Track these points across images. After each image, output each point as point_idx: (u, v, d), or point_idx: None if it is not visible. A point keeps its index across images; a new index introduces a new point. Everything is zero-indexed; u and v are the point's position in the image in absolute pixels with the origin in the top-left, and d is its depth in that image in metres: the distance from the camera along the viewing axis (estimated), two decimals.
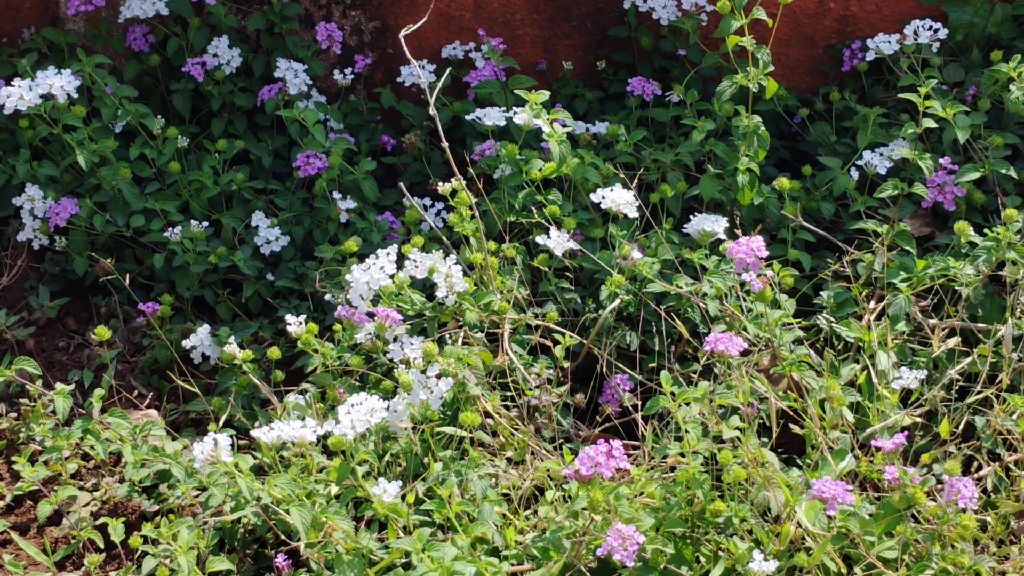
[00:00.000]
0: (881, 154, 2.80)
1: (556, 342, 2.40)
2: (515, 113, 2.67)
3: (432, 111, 2.49)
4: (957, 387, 2.42)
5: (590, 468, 1.83)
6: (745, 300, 2.44)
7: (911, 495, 2.02)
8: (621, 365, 2.48)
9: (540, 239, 2.53)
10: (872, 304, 2.52)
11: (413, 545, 1.81)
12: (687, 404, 2.06)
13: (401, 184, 2.62)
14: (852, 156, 2.89)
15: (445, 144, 2.45)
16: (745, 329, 2.36)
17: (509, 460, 2.23)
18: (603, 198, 2.53)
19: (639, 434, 2.31)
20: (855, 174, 2.81)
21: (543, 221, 2.63)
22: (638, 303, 2.51)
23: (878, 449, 2.10)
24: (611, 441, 1.85)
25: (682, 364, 2.49)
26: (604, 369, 2.48)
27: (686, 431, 1.96)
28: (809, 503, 1.96)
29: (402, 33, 2.69)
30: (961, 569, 1.99)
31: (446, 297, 2.34)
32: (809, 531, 1.93)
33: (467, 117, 2.86)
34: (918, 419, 2.31)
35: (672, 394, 2.00)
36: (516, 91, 2.74)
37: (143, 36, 3.15)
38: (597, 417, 2.42)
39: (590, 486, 1.84)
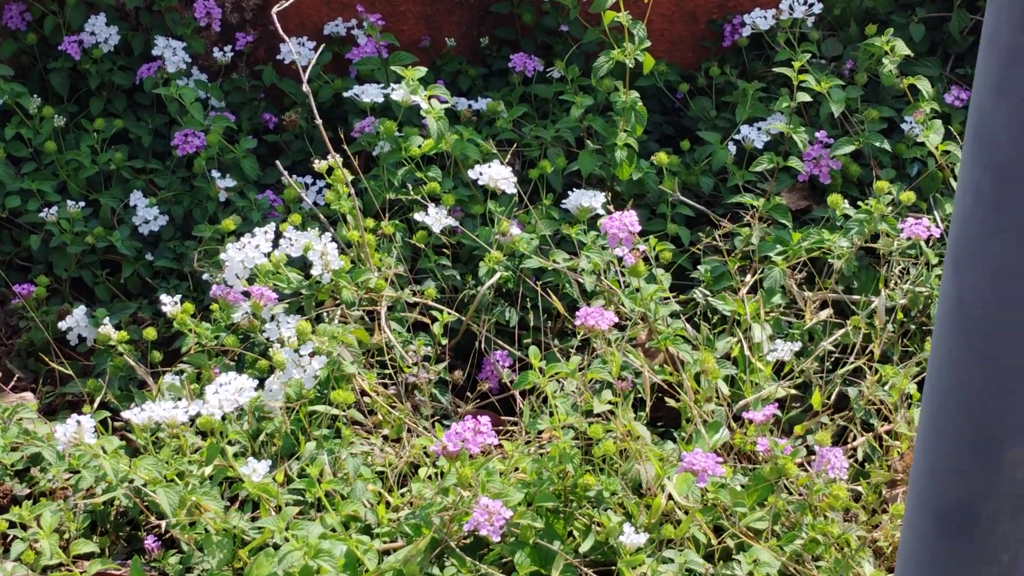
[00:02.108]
0: (759, 128, 2.82)
1: (435, 319, 2.40)
2: (393, 90, 2.66)
3: (306, 88, 2.47)
4: (832, 359, 2.45)
5: (457, 444, 1.83)
6: (623, 275, 2.45)
7: (782, 466, 2.04)
8: (500, 341, 2.48)
9: (418, 216, 2.53)
10: (748, 278, 2.54)
11: (277, 524, 1.80)
12: (557, 379, 2.06)
13: (278, 163, 2.60)
14: (732, 131, 2.90)
15: (319, 121, 2.43)
16: (623, 304, 2.36)
17: (385, 438, 2.22)
18: (481, 174, 2.52)
19: (517, 410, 2.32)
20: (733, 148, 2.83)
21: (420, 199, 2.62)
22: (517, 279, 2.51)
23: (750, 421, 2.11)
24: (479, 417, 1.85)
25: (561, 339, 2.50)
26: (483, 345, 2.48)
27: (556, 406, 1.97)
28: (680, 476, 1.97)
29: (274, 10, 2.66)
30: (831, 538, 2.01)
31: (322, 275, 2.33)
32: (678, 503, 1.95)
33: (345, 94, 2.85)
34: (792, 391, 2.33)
35: (541, 369, 2.01)
36: (393, 68, 2.72)
37: (20, 15, 3.10)
38: (469, 393, 2.42)
39: (458, 462, 1.84)
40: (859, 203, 2.53)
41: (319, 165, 2.47)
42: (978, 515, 1.28)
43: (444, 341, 2.39)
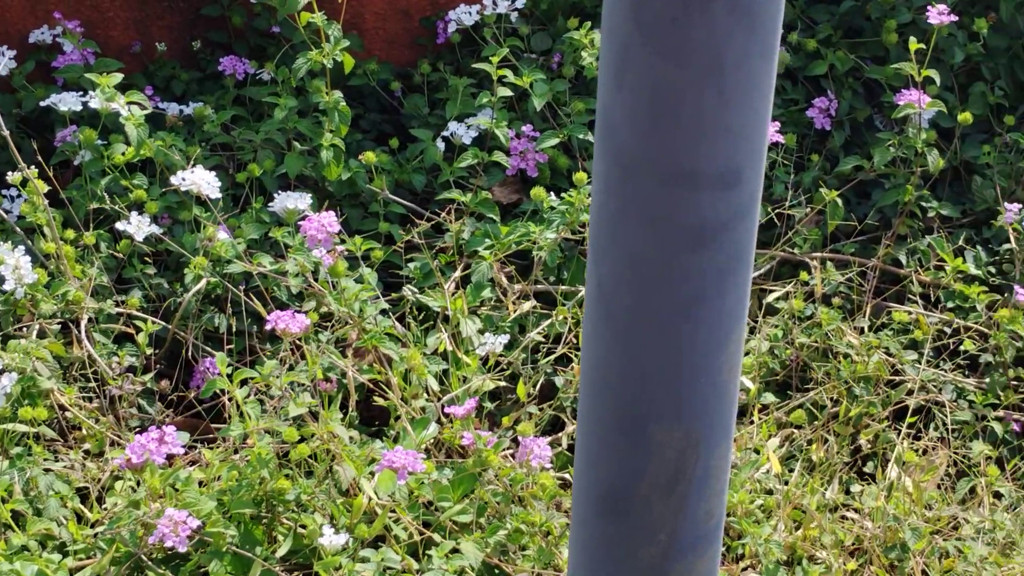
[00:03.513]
0: (468, 125, 2.84)
1: (139, 329, 2.36)
2: (91, 97, 2.61)
3: None
4: (545, 349, 2.48)
5: (141, 456, 1.80)
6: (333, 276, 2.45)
7: (485, 458, 2.06)
8: (208, 348, 2.46)
9: (119, 225, 2.48)
10: (457, 273, 2.56)
11: None
12: (262, 383, 2.05)
13: None
14: (444, 128, 2.92)
15: (6, 132, 2.37)
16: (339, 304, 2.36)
17: (88, 452, 2.18)
18: (183, 180, 2.49)
19: (226, 416, 2.30)
20: (442, 145, 2.84)
21: (122, 209, 2.57)
22: (225, 285, 2.49)
23: (454, 416, 2.13)
24: (164, 427, 1.83)
25: (273, 343, 2.48)
26: (192, 353, 2.45)
27: (248, 412, 1.95)
28: (382, 474, 1.98)
29: None
30: (533, 527, 2.04)
31: (15, 290, 2.27)
32: (378, 502, 1.95)
33: (42, 103, 2.78)
34: (502, 383, 2.35)
35: (229, 375, 1.99)
36: (87, 75, 2.67)
37: None
38: (167, 398, 2.39)
39: (144, 473, 1.81)
40: (563, 195, 2.56)
41: (11, 177, 2.41)
42: (633, 496, 1.31)
43: (149, 351, 2.36)
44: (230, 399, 2.30)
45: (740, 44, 1.11)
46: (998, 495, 2.37)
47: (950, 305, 2.69)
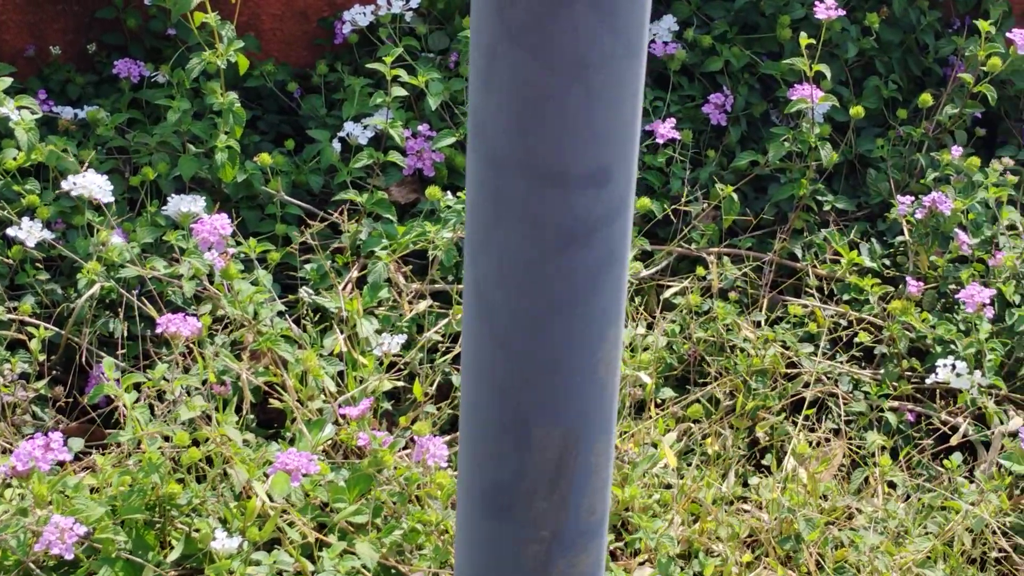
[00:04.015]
0: (365, 125, 2.83)
1: (32, 335, 2.34)
2: None
3: None
4: (443, 348, 2.48)
5: (26, 463, 1.79)
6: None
7: (380, 458, 2.06)
8: (104, 353, 2.44)
9: (11, 231, 2.46)
10: (354, 273, 2.55)
11: None
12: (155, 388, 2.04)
13: None
14: (341, 128, 2.91)
15: None
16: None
17: None
18: (74, 185, 2.47)
19: (121, 422, 2.28)
20: (338, 146, 2.84)
21: (11, 215, 2.55)
22: (119, 289, 2.47)
23: (349, 416, 2.13)
24: (49, 434, 1.82)
25: (168, 348, 2.47)
26: (87, 359, 2.43)
27: (136, 417, 1.94)
28: (276, 476, 1.97)
29: None
30: (430, 526, 2.04)
31: None
32: (267, 504, 1.95)
33: None
34: (399, 383, 2.36)
35: (117, 380, 1.98)
36: None
37: None
38: (60, 404, 2.38)
39: (30, 481, 1.80)
40: (460, 194, 2.57)
41: None
42: (515, 495, 1.32)
43: (42, 357, 2.34)
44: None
45: (605, 44, 1.12)
46: (893, 485, 2.40)
47: (845, 298, 2.73)
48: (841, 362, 2.62)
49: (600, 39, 1.11)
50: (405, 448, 2.26)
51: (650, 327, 2.64)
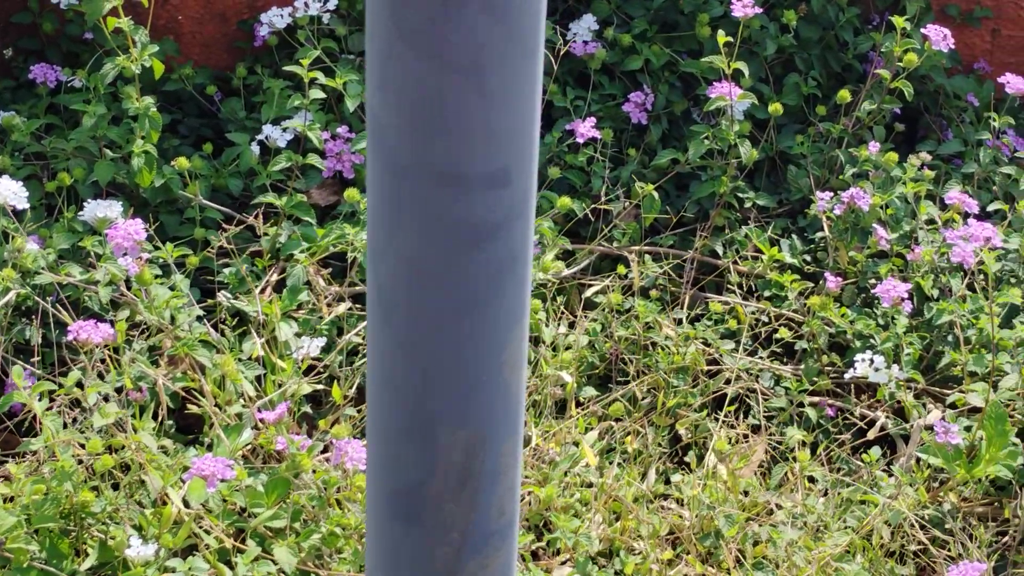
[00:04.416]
0: (284, 128, 2.82)
1: None
2: None
3: None
4: (362, 351, 2.47)
5: None
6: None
7: (299, 462, 2.05)
8: (20, 361, 2.41)
9: None
10: (273, 276, 2.54)
11: None
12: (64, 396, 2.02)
13: None
14: (261, 131, 2.90)
15: None
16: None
17: None
18: None
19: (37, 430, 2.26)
20: (257, 149, 2.82)
21: None
22: (35, 296, 2.45)
23: (266, 421, 2.12)
24: None
25: (88, 355, 2.44)
26: (3, 366, 2.40)
27: (48, 425, 1.93)
28: (192, 482, 1.96)
29: None
30: (349, 529, 2.03)
31: None
32: (183, 511, 1.93)
33: None
34: (319, 386, 2.35)
35: (27, 388, 1.96)
36: None
37: None
38: None
39: None
40: None
41: None
42: (423, 497, 1.31)
43: None
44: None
45: (499, 44, 1.12)
46: (814, 480, 2.41)
47: (767, 294, 2.74)
48: (762, 358, 2.63)
49: (494, 40, 1.11)
50: (325, 451, 2.25)
51: (572, 326, 2.65)
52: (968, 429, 2.38)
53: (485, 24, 1.10)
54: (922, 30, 2.98)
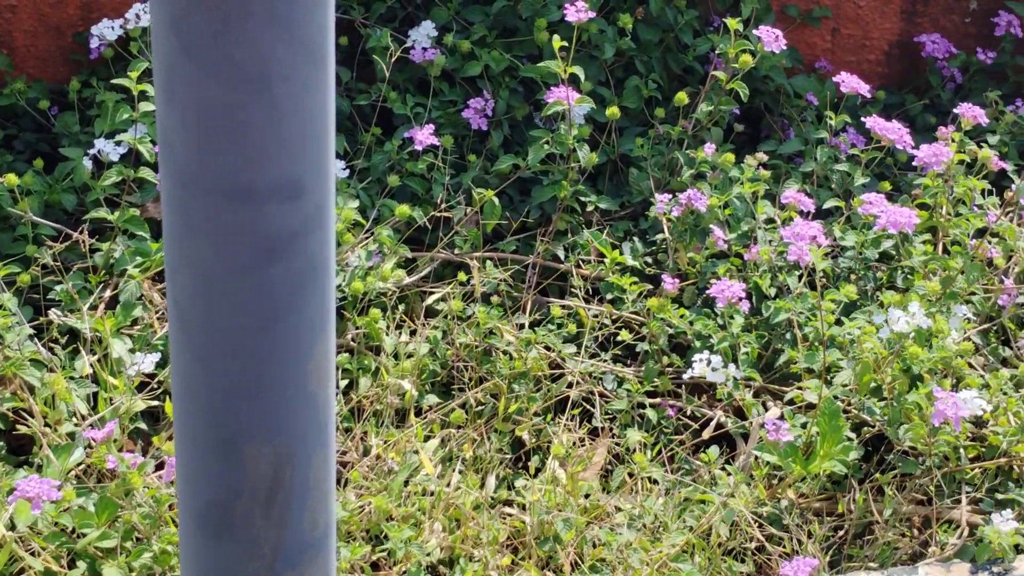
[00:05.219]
0: (117, 141, 2.78)
1: None
2: None
3: None
4: None
5: None
6: None
7: (129, 480, 2.02)
8: None
9: None
10: (107, 292, 2.51)
11: None
12: None
13: None
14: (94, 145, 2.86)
15: None
16: None
17: None
18: None
19: None
20: (90, 163, 2.78)
21: None
22: None
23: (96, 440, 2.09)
24: None
25: None
26: None
27: None
28: (17, 504, 1.92)
29: None
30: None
31: None
32: (5, 534, 1.90)
33: None
34: (153, 402, 2.32)
35: None
36: None
37: None
38: None
39: None
40: None
41: None
42: (232, 512, 1.30)
43: None
44: None
45: (285, 58, 1.11)
46: (656, 481, 2.43)
47: (609, 297, 2.75)
48: (604, 361, 2.64)
49: (280, 53, 1.10)
50: (160, 468, 2.22)
51: (413, 334, 2.64)
52: (804, 426, 2.41)
53: (270, 38, 1.09)
54: (755, 31, 3.02)
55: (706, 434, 2.47)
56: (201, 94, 1.11)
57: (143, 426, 2.33)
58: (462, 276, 2.70)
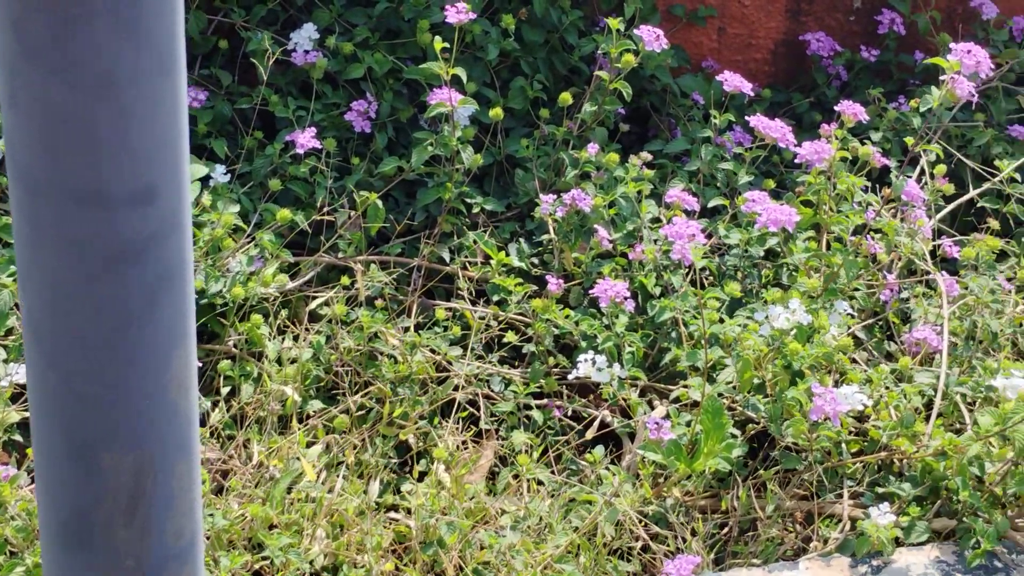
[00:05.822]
0: None
1: None
2: None
3: None
4: None
5: None
6: None
7: (1, 493, 1.99)
8: None
9: None
10: None
11: None
12: None
13: None
14: None
15: None
16: None
17: None
18: None
19: None
20: None
21: None
22: None
23: None
24: None
25: None
26: None
27: None
28: None
29: None
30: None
31: None
32: None
33: None
34: (28, 414, 2.27)
35: None
36: None
37: None
38: None
39: None
40: None
41: None
42: (93, 524, 1.28)
43: None
44: None
45: (132, 61, 1.09)
46: (542, 482, 2.42)
47: (495, 298, 2.74)
48: (491, 362, 2.64)
49: (126, 57, 1.08)
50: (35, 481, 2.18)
51: (296, 339, 2.62)
52: (689, 424, 2.42)
53: (115, 41, 1.07)
54: (635, 31, 3.03)
55: (591, 434, 2.47)
56: (44, 98, 1.09)
57: (18, 438, 2.29)
58: (346, 280, 2.68)
